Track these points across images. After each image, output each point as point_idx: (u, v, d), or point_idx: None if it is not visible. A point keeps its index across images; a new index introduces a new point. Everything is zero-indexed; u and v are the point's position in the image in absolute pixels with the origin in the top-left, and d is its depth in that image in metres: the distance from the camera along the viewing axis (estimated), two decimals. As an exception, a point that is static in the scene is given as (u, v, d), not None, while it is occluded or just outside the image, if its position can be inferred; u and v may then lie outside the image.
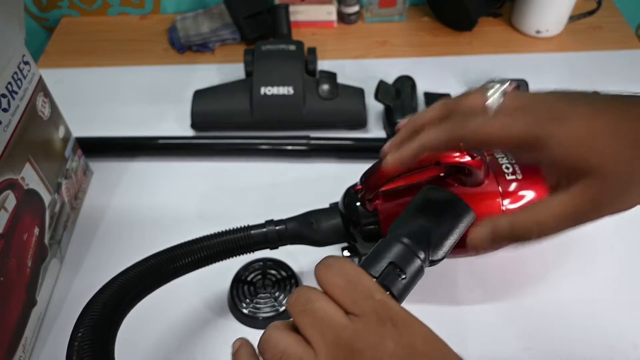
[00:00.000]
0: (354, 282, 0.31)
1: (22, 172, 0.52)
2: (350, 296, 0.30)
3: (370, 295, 0.30)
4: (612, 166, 0.31)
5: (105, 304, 0.42)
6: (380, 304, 0.30)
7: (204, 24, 0.91)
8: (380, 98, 0.72)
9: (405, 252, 0.36)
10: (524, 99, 0.33)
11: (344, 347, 0.28)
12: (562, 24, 0.89)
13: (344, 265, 0.32)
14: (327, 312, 0.30)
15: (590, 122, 0.31)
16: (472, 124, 0.34)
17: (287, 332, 0.30)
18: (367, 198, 0.51)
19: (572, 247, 0.62)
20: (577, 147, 0.31)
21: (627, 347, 0.54)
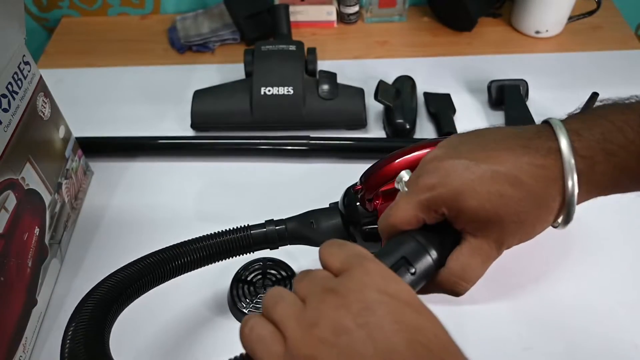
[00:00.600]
0: (347, 247, 0.33)
1: (22, 172, 0.53)
2: (341, 258, 0.32)
3: (359, 254, 0.32)
4: (502, 209, 0.36)
5: (100, 301, 0.42)
6: (369, 259, 0.31)
7: (204, 24, 0.91)
8: (380, 98, 0.72)
9: (417, 248, 0.36)
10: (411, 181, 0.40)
11: (329, 293, 0.30)
12: (562, 24, 0.89)
13: (345, 241, 0.34)
14: (318, 273, 0.32)
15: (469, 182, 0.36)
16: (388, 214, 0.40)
17: (287, 290, 0.32)
18: (367, 198, 0.51)
19: (572, 246, 0.62)
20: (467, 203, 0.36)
21: (628, 346, 0.54)
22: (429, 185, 0.38)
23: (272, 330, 0.30)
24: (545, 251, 0.61)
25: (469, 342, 0.31)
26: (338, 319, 0.28)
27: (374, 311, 0.28)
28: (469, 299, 0.57)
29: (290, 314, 0.30)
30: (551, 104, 0.78)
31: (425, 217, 0.38)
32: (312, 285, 0.31)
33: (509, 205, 0.36)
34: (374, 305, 0.28)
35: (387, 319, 0.28)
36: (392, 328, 0.28)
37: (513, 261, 0.60)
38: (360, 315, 0.28)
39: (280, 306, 0.30)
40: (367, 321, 0.28)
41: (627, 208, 0.65)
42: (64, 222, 0.63)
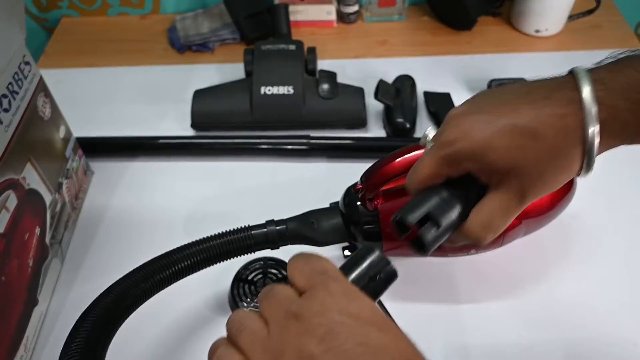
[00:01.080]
0: (312, 263, 0.33)
1: (23, 172, 0.53)
2: (305, 274, 0.32)
3: (323, 271, 0.32)
4: (522, 162, 0.36)
5: (103, 312, 0.42)
6: (331, 278, 0.31)
7: (203, 24, 0.91)
8: (380, 97, 0.72)
9: (440, 204, 0.38)
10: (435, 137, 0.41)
11: (292, 318, 0.29)
12: (562, 23, 0.89)
13: (312, 254, 0.34)
14: (282, 293, 0.32)
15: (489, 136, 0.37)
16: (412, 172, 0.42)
17: (251, 312, 0.32)
18: (368, 197, 0.51)
19: (572, 245, 0.62)
20: (488, 156, 0.37)
21: (627, 345, 0.54)
22: (451, 140, 0.38)
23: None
24: (545, 251, 0.61)
25: (469, 341, 0.32)
26: (302, 346, 0.28)
27: (337, 335, 0.28)
28: (469, 298, 0.58)
29: (256, 342, 0.30)
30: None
31: (449, 171, 0.39)
32: (275, 308, 0.31)
33: (528, 157, 0.36)
34: (336, 328, 0.28)
35: (350, 341, 0.28)
36: (357, 351, 0.28)
37: (513, 261, 0.60)
38: (324, 340, 0.28)
39: (244, 334, 0.31)
40: (331, 346, 0.28)
41: (627, 207, 0.66)
42: (65, 221, 0.63)
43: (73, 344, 0.40)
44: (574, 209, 0.58)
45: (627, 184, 0.68)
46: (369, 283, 0.33)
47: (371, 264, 0.33)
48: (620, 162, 0.70)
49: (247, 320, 0.31)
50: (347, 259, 0.34)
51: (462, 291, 0.58)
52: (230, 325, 0.32)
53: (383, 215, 0.52)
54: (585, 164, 0.37)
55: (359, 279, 0.33)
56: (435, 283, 0.59)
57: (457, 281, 0.59)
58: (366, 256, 0.34)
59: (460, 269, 0.59)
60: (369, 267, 0.33)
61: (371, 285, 0.33)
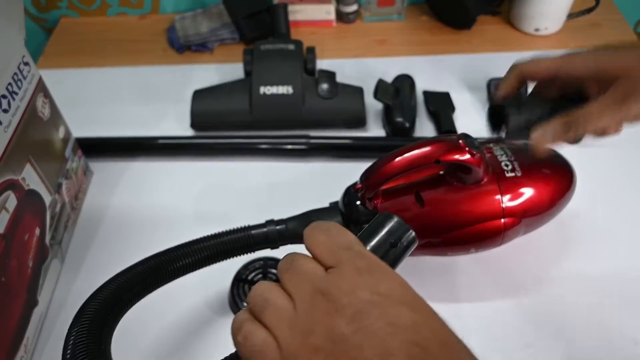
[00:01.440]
0: (334, 236, 0.32)
1: (23, 173, 0.53)
2: (329, 249, 0.31)
3: (348, 247, 0.31)
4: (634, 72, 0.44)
5: (103, 304, 0.42)
6: (358, 254, 0.31)
7: (202, 24, 0.91)
8: (380, 97, 0.72)
9: None
10: None
11: (320, 296, 0.29)
12: (561, 21, 0.89)
13: (330, 225, 0.33)
14: (306, 267, 0.31)
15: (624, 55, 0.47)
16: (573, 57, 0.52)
17: (274, 285, 0.32)
18: (367, 197, 0.51)
19: (572, 244, 0.62)
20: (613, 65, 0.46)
21: (628, 343, 0.54)
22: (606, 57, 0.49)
23: (265, 338, 0.30)
24: (545, 249, 0.61)
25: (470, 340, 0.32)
26: (332, 325, 0.28)
27: (368, 314, 0.28)
28: (469, 297, 0.58)
29: (282, 319, 0.29)
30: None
31: None
32: (300, 283, 0.30)
33: None
34: (367, 308, 0.28)
35: (381, 321, 0.28)
36: (387, 331, 0.27)
37: (514, 259, 0.60)
38: (354, 320, 0.28)
39: (269, 311, 0.30)
40: (362, 326, 0.28)
41: (628, 206, 0.66)
42: (65, 222, 0.63)
43: (77, 325, 0.39)
44: (574, 208, 0.58)
45: (627, 182, 0.68)
46: (389, 251, 0.32)
47: (391, 230, 0.33)
48: (621, 161, 0.70)
49: (271, 294, 0.31)
50: (367, 226, 0.33)
51: (462, 290, 0.58)
52: (252, 299, 0.32)
53: (383, 215, 0.52)
54: None
55: (379, 246, 0.32)
56: (435, 282, 0.59)
57: (457, 280, 0.59)
58: (385, 223, 0.33)
59: (460, 268, 0.59)
60: (389, 234, 0.33)
61: (391, 253, 0.32)
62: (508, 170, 0.53)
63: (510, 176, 0.52)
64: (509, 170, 0.53)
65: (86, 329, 0.39)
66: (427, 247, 0.53)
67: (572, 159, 0.58)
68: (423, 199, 0.52)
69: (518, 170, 0.53)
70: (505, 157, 0.54)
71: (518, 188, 0.52)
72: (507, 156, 0.54)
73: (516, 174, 0.52)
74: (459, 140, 0.49)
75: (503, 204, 0.51)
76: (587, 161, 0.69)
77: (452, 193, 0.52)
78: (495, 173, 0.52)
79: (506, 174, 0.52)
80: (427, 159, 0.48)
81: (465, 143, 0.48)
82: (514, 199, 0.52)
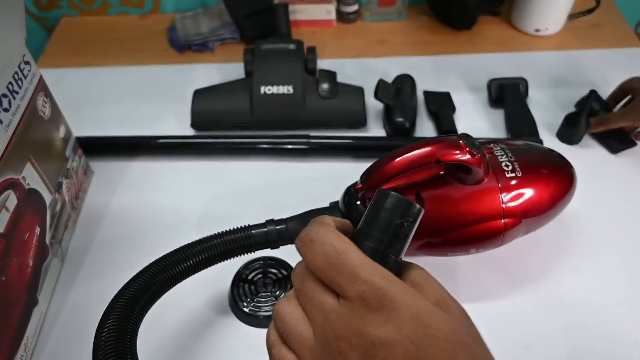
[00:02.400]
0: (336, 264, 0.29)
1: (23, 172, 0.53)
2: (334, 280, 0.29)
3: (354, 277, 0.29)
4: None
5: (119, 316, 0.42)
6: (366, 286, 0.28)
7: (203, 23, 0.91)
8: (380, 97, 0.72)
9: None
10: None
11: (331, 332, 0.29)
12: (562, 22, 0.89)
13: (324, 241, 0.30)
14: (317, 293, 0.30)
15: None
16: None
17: (295, 306, 0.31)
18: (368, 197, 0.51)
19: (572, 244, 0.62)
20: None
21: (628, 344, 0.54)
22: None
23: None
24: (545, 249, 0.61)
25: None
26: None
27: (375, 356, 0.27)
28: (469, 297, 0.58)
29: (305, 348, 0.30)
30: (551, 102, 0.78)
31: None
32: (315, 316, 0.30)
33: None
34: (374, 350, 0.27)
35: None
36: None
37: (513, 260, 0.60)
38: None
39: (292, 337, 0.30)
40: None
41: (627, 207, 0.66)
42: (65, 221, 0.63)
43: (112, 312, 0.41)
44: (574, 209, 0.58)
45: (627, 183, 0.68)
46: (398, 231, 0.30)
47: (394, 210, 0.31)
48: (621, 162, 0.70)
49: (292, 321, 0.31)
50: (367, 211, 0.31)
51: (462, 290, 0.58)
52: (277, 322, 0.31)
53: (383, 215, 0.52)
54: None
55: (386, 230, 0.30)
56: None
57: (457, 280, 0.59)
58: (385, 203, 0.31)
59: (460, 268, 0.59)
60: (393, 215, 0.30)
61: (401, 234, 0.30)
62: (508, 170, 0.53)
63: (511, 176, 0.52)
64: (510, 170, 0.53)
65: (115, 329, 0.40)
66: (427, 248, 0.53)
67: (572, 160, 0.58)
68: (423, 199, 0.52)
69: (518, 170, 0.53)
70: (505, 158, 0.54)
71: (518, 188, 0.52)
72: (508, 156, 0.54)
73: (517, 175, 0.52)
74: (460, 140, 0.49)
75: (503, 205, 0.51)
76: (588, 162, 0.69)
77: (453, 193, 0.52)
78: (495, 173, 0.52)
79: (507, 174, 0.52)
80: (427, 159, 0.48)
81: (465, 143, 0.48)
82: (515, 200, 0.52)
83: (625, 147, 0.71)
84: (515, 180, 0.52)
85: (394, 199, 0.31)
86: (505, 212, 0.52)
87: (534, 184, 0.53)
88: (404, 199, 0.31)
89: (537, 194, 0.53)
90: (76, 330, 0.57)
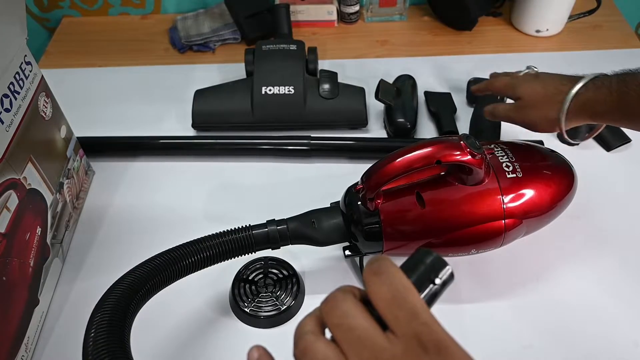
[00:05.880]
0: (400, 298, 0.29)
1: (24, 172, 0.53)
2: (393, 313, 0.29)
3: (414, 316, 0.29)
4: (527, 97, 0.59)
5: (113, 309, 0.42)
6: (424, 327, 0.28)
7: (204, 24, 0.91)
8: (381, 97, 0.72)
9: None
10: (521, 76, 0.63)
11: None
12: (562, 23, 0.89)
13: (394, 275, 0.30)
14: (365, 331, 0.29)
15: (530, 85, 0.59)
16: (497, 78, 0.66)
17: (326, 343, 0.29)
18: (368, 197, 0.51)
19: (572, 245, 0.62)
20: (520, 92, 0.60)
21: (628, 344, 0.54)
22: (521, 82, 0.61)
23: None
24: (545, 250, 0.61)
25: (470, 341, 0.32)
26: None
27: None
28: (469, 297, 0.58)
29: None
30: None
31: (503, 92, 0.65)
32: (359, 350, 0.28)
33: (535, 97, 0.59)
34: None
35: None
36: None
37: (513, 260, 0.60)
38: None
39: None
40: None
41: (627, 207, 0.66)
42: (66, 221, 0.63)
43: None
44: (574, 209, 0.58)
45: (627, 184, 0.68)
46: (429, 287, 0.31)
47: (431, 266, 0.32)
48: (620, 163, 0.70)
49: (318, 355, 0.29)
50: (406, 261, 0.32)
51: (462, 291, 0.58)
52: (307, 357, 0.29)
53: (384, 215, 0.52)
54: None
55: (420, 283, 0.31)
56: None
57: (458, 281, 0.59)
58: (425, 259, 0.32)
59: (460, 268, 0.59)
60: (429, 271, 0.31)
61: (432, 290, 0.31)
62: (509, 171, 0.53)
63: (512, 177, 0.52)
64: (510, 171, 0.53)
65: (107, 322, 0.40)
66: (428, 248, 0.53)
67: (572, 160, 0.58)
68: (424, 200, 0.52)
69: (519, 171, 0.53)
70: (506, 158, 0.54)
71: (519, 189, 0.52)
72: (508, 157, 0.54)
73: (517, 175, 0.53)
74: (460, 141, 0.49)
75: (504, 205, 0.51)
76: (588, 163, 0.69)
77: (453, 194, 0.52)
78: (496, 174, 0.52)
79: (507, 175, 0.52)
80: (428, 160, 0.48)
81: (466, 144, 0.48)
82: (515, 200, 0.52)
83: (620, 144, 0.71)
84: (516, 180, 0.52)
85: (434, 256, 0.33)
86: (506, 213, 0.52)
87: (535, 184, 0.53)
88: (443, 259, 0.33)
89: (537, 194, 0.53)
90: (77, 330, 0.57)
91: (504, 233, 0.52)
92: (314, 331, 0.30)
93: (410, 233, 0.53)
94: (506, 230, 0.52)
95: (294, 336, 0.30)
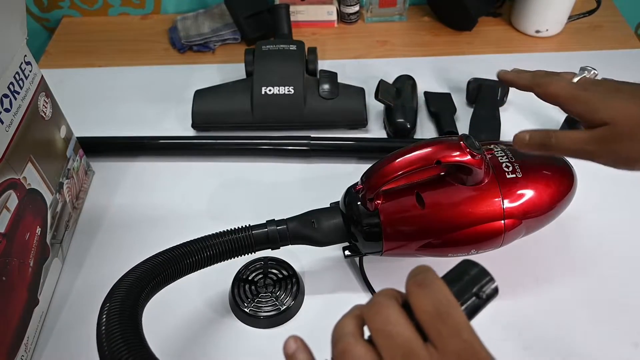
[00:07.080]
0: (444, 313, 0.29)
1: (24, 172, 0.53)
2: (436, 327, 0.29)
3: (457, 332, 0.29)
4: (621, 124, 0.43)
5: (116, 308, 0.42)
6: (466, 344, 0.29)
7: (204, 24, 0.91)
8: (381, 97, 0.72)
9: None
10: (589, 84, 0.47)
11: None
12: (562, 23, 0.89)
13: (439, 289, 0.30)
14: (407, 340, 0.29)
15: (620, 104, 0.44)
16: (551, 80, 0.48)
17: (366, 347, 0.30)
18: (368, 198, 0.51)
19: (572, 245, 0.62)
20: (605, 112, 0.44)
21: (627, 345, 0.54)
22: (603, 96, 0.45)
23: None
24: (545, 251, 0.61)
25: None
26: None
27: None
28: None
29: None
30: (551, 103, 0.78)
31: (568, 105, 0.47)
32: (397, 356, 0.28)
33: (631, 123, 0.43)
34: None
35: None
36: None
37: (513, 261, 0.60)
38: None
39: None
40: None
41: (627, 207, 0.66)
42: (66, 221, 0.63)
43: None
44: (574, 209, 0.58)
45: (626, 184, 0.68)
46: (471, 299, 0.31)
47: (474, 278, 0.32)
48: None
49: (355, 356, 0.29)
50: (449, 271, 0.32)
51: (462, 291, 0.58)
52: (338, 353, 0.30)
53: (384, 216, 0.52)
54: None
55: (462, 293, 0.31)
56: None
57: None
58: (470, 270, 0.32)
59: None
60: (473, 283, 0.32)
61: (474, 303, 0.31)
62: (509, 171, 0.53)
63: (511, 177, 0.52)
64: (510, 171, 0.53)
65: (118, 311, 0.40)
66: (428, 248, 0.53)
67: (573, 161, 0.58)
68: (424, 200, 0.52)
69: (519, 171, 0.53)
70: (506, 159, 0.54)
71: (519, 189, 0.52)
72: (508, 157, 0.54)
73: (517, 176, 0.53)
74: (460, 141, 0.49)
75: (504, 206, 0.52)
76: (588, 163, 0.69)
77: (453, 194, 0.52)
78: (496, 174, 0.52)
79: (507, 175, 0.52)
80: (428, 160, 0.48)
81: (466, 144, 0.49)
82: (515, 201, 0.52)
83: None
84: (516, 181, 0.52)
85: (479, 269, 0.32)
86: (506, 213, 0.52)
87: (535, 185, 0.53)
88: (488, 272, 0.33)
89: (537, 195, 0.53)
90: (77, 330, 0.57)
91: (504, 233, 0.52)
92: (354, 333, 0.30)
93: (410, 233, 0.53)
94: (506, 230, 0.52)
95: (332, 336, 0.31)
